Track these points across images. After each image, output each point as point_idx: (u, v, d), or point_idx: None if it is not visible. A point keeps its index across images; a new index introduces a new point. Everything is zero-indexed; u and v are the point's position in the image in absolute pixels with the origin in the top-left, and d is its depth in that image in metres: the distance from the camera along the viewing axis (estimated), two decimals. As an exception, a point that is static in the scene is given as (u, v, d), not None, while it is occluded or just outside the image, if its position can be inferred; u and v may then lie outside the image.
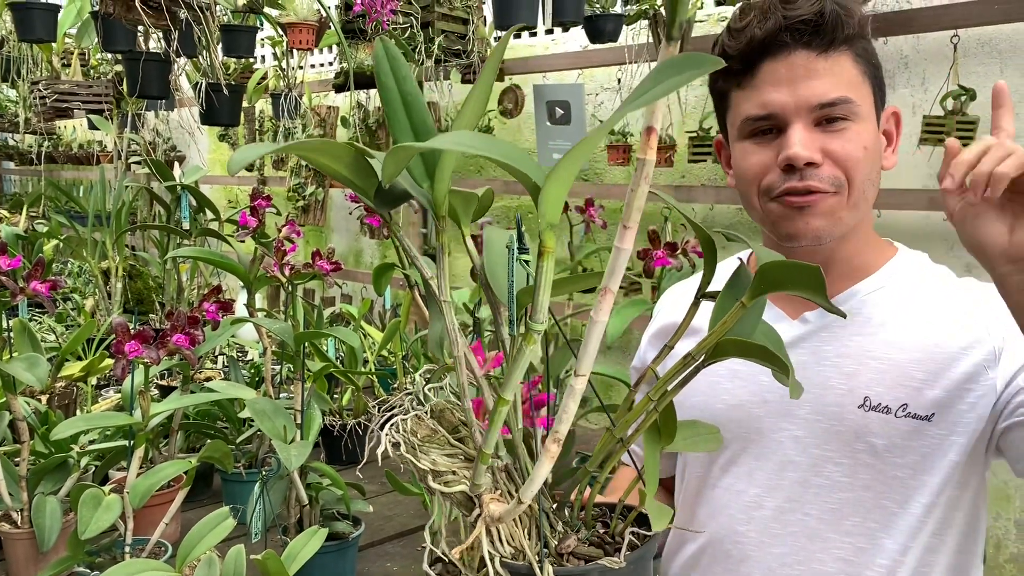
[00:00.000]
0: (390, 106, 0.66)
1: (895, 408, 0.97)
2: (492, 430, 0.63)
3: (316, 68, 4.41)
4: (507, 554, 0.67)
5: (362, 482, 1.49)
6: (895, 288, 1.04)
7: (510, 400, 0.61)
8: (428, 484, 0.68)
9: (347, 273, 3.96)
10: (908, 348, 1.00)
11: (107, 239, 2.78)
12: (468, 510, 0.69)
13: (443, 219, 0.65)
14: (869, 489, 0.99)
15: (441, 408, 0.74)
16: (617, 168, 2.96)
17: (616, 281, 0.57)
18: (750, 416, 1.06)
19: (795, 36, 0.97)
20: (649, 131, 0.53)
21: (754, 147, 1.01)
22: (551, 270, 0.57)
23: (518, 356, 0.60)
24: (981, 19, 2.07)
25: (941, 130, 2.10)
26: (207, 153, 5.18)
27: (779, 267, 0.63)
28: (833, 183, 0.97)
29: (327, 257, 1.42)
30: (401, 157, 0.59)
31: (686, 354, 0.68)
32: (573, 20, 2.58)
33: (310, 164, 0.73)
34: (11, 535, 1.33)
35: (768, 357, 0.64)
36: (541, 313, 0.58)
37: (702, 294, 0.71)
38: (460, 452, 0.71)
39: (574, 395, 0.59)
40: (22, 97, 3.93)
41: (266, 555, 1.07)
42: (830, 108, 0.97)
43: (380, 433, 0.70)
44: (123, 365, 1.14)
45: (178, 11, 2.19)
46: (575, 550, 0.71)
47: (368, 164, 0.63)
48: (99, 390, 2.17)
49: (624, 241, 0.56)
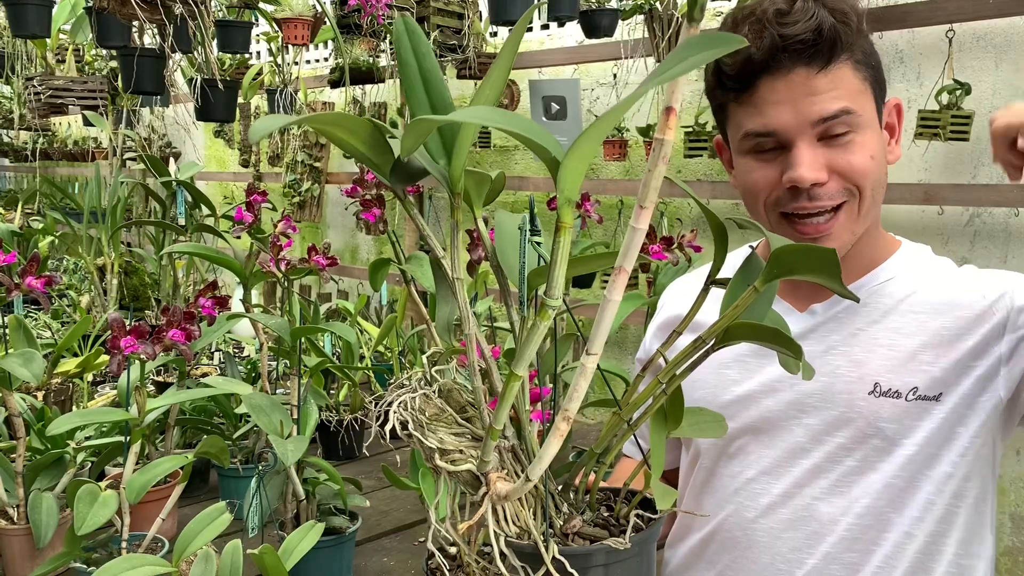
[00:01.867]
0: (409, 82, 0.66)
1: (905, 392, 0.99)
2: (503, 405, 0.63)
3: (311, 64, 4.40)
4: (512, 533, 0.67)
5: (359, 477, 1.49)
6: (902, 279, 1.06)
7: (523, 376, 0.61)
8: (435, 462, 0.68)
9: (343, 269, 3.96)
10: (915, 334, 1.01)
11: (103, 235, 2.78)
12: (474, 489, 0.69)
13: (458, 196, 0.65)
14: (879, 471, 1.00)
15: (449, 388, 0.74)
16: (613, 163, 2.96)
17: (631, 260, 0.56)
18: (759, 406, 1.07)
19: (793, 57, 0.94)
20: (668, 111, 0.53)
21: (757, 164, 1.01)
22: (568, 245, 0.57)
23: (532, 331, 0.59)
24: (976, 14, 2.07)
25: (936, 124, 2.10)
26: (202, 149, 5.17)
27: (793, 251, 0.62)
28: (843, 195, 0.98)
29: (323, 253, 1.41)
30: (421, 130, 0.59)
31: (696, 337, 0.68)
32: (569, 15, 2.58)
33: (328, 139, 0.72)
34: (7, 531, 1.33)
35: (779, 339, 0.64)
36: (557, 289, 0.58)
37: (712, 280, 0.71)
38: (467, 431, 0.72)
39: (585, 373, 0.59)
40: (17, 93, 3.92)
41: (263, 550, 1.07)
42: (832, 121, 0.95)
43: (388, 410, 0.70)
44: (119, 361, 1.14)
45: (173, 6, 2.18)
46: (580, 531, 0.71)
47: (384, 140, 0.63)
48: (95, 386, 2.17)
49: (640, 221, 0.55)
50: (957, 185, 2.20)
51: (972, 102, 2.15)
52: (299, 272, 1.41)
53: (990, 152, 0.90)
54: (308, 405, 1.39)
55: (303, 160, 3.86)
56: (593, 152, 0.54)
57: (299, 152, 3.85)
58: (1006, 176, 0.88)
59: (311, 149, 3.85)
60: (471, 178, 0.66)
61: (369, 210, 1.55)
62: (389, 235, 1.66)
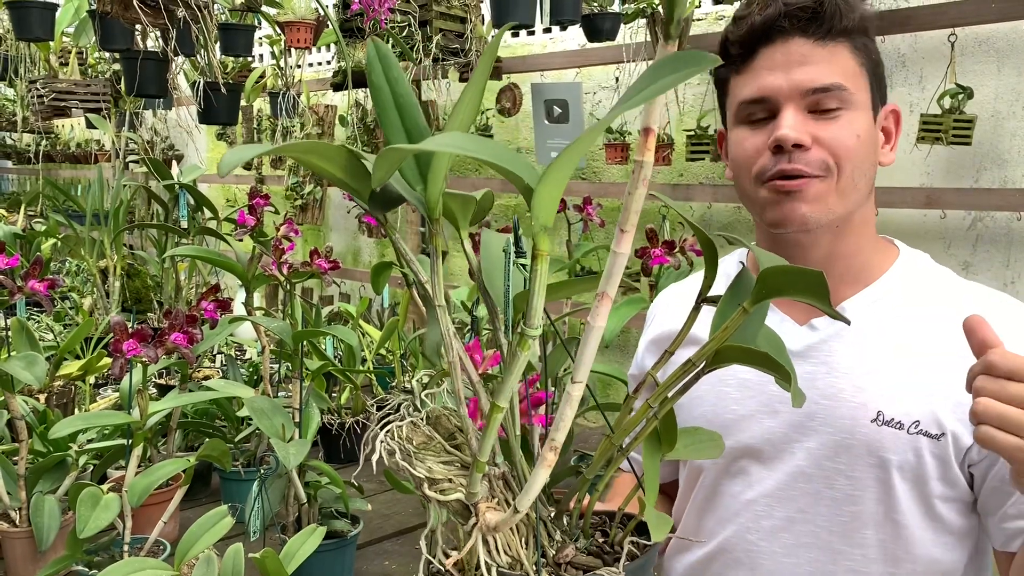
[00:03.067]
0: (382, 107, 0.65)
1: (908, 424, 0.96)
2: (487, 438, 0.62)
3: (314, 67, 4.41)
4: (504, 563, 0.66)
5: (360, 480, 1.49)
6: (903, 293, 1.03)
7: (505, 407, 0.61)
8: (424, 492, 0.67)
9: (345, 272, 3.96)
10: (921, 357, 0.98)
11: (105, 238, 2.78)
12: (464, 518, 0.68)
13: (437, 222, 0.64)
14: (881, 503, 0.98)
15: (437, 414, 0.73)
16: (615, 166, 2.97)
17: (614, 286, 0.56)
18: (761, 426, 1.04)
19: (793, 23, 0.97)
20: (647, 132, 0.52)
21: (748, 132, 1.02)
22: (545, 274, 0.56)
23: (512, 362, 0.59)
24: (978, 18, 2.08)
25: (938, 128, 2.10)
26: (205, 152, 5.17)
27: (780, 272, 0.62)
28: (821, 167, 0.97)
29: (325, 256, 1.42)
30: (392, 159, 0.58)
31: (686, 360, 0.67)
32: (571, 18, 2.58)
33: (304, 167, 0.70)
34: (9, 534, 1.33)
35: (770, 364, 0.63)
36: (535, 319, 0.57)
37: (703, 299, 0.69)
38: (456, 459, 0.70)
39: (571, 402, 0.58)
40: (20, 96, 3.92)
41: (264, 553, 1.07)
42: (823, 94, 0.97)
43: (375, 441, 0.69)
44: (121, 364, 1.14)
45: (176, 9, 2.19)
46: (573, 560, 0.69)
47: (362, 165, 0.62)
48: (97, 389, 2.17)
49: (621, 245, 0.55)
50: (959, 189, 2.20)
51: (974, 106, 2.15)
52: (301, 275, 1.41)
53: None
54: (310, 408, 1.39)
55: (305, 163, 3.86)
56: (566, 179, 0.53)
57: (301, 155, 3.85)
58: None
59: (313, 152, 3.85)
60: (455, 201, 0.64)
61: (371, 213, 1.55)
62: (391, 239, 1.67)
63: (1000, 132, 2.20)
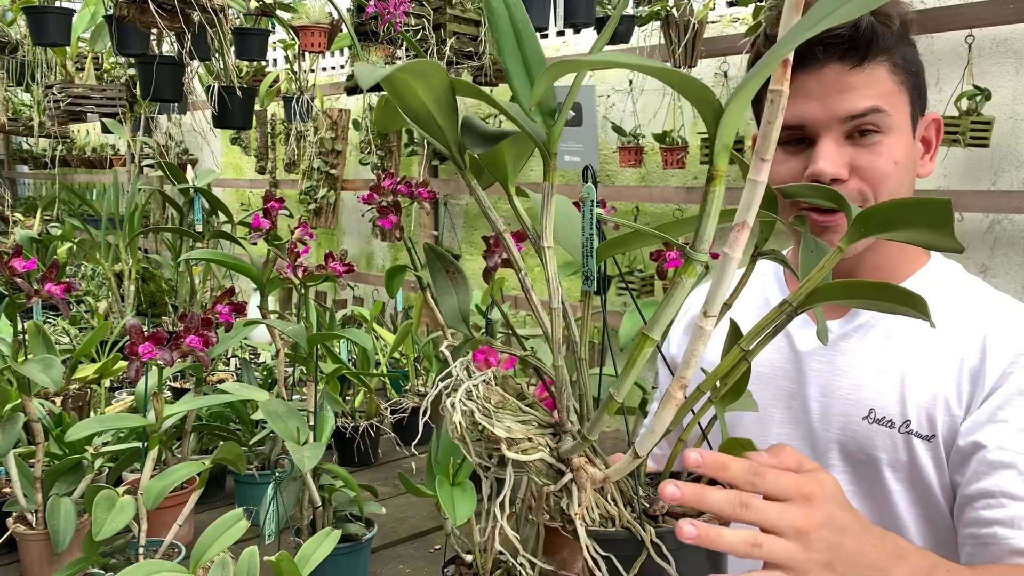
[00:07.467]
0: (500, 33, 0.63)
1: (899, 424, 0.96)
2: (630, 372, 0.60)
3: (327, 71, 4.42)
4: (595, 520, 0.64)
5: (374, 484, 1.49)
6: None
7: (657, 339, 0.59)
8: (504, 453, 0.64)
9: (359, 275, 3.97)
10: (921, 362, 0.98)
11: (120, 242, 2.80)
12: (549, 478, 0.66)
13: (554, 156, 0.62)
14: (871, 499, 0.98)
15: (503, 375, 0.71)
16: (629, 170, 2.96)
17: (752, 214, 0.55)
18: (770, 419, 1.06)
19: (828, 51, 0.94)
20: (785, 63, 0.53)
21: (784, 156, 1.00)
22: (721, 196, 0.55)
23: (675, 288, 0.57)
24: (995, 19, 2.06)
25: (956, 130, 2.08)
26: (220, 156, 5.20)
27: (894, 204, 0.58)
28: (859, 199, 0.96)
29: (339, 259, 1.42)
30: (556, 74, 0.55)
31: (782, 301, 0.65)
32: (585, 21, 2.58)
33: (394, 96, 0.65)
34: (26, 536, 1.34)
35: (881, 293, 0.61)
36: (705, 243, 0.55)
37: (759, 252, 0.69)
38: (533, 418, 0.68)
39: (703, 337, 0.57)
40: (36, 101, 3.96)
41: (279, 557, 1.07)
42: (860, 119, 0.94)
43: (447, 402, 0.66)
44: (137, 367, 1.14)
45: (192, 13, 2.20)
46: (670, 510, 0.68)
47: (455, 101, 0.60)
48: (113, 392, 2.18)
49: (760, 174, 0.54)
50: (977, 191, 2.18)
51: (992, 108, 2.13)
52: (315, 279, 1.41)
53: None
54: (324, 411, 1.39)
55: (319, 167, 3.87)
56: (750, 97, 0.53)
57: (315, 159, 3.87)
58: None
59: (327, 156, 3.87)
60: (511, 148, 0.62)
61: (385, 216, 1.55)
62: (405, 241, 1.66)
63: (1018, 134, 2.18)
